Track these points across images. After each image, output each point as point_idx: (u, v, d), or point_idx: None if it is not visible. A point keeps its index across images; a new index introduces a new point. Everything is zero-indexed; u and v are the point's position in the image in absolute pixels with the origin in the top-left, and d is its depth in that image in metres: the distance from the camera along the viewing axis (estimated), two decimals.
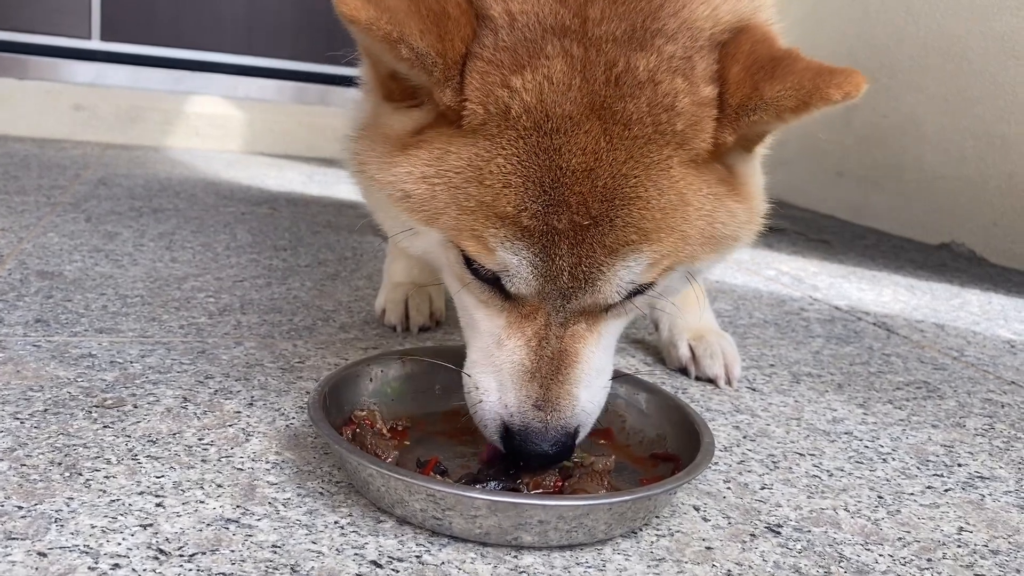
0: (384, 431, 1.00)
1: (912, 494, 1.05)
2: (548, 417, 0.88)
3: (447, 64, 0.84)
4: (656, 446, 1.05)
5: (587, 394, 0.91)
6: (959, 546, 0.94)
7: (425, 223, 0.91)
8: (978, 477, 1.12)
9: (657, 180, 0.86)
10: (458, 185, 0.86)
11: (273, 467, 0.96)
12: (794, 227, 2.97)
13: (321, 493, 0.91)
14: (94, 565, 0.75)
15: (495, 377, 0.91)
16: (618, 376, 1.04)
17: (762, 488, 1.03)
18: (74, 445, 0.96)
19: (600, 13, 0.86)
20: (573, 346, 0.90)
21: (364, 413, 1.01)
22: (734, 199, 0.93)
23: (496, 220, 0.85)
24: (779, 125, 0.89)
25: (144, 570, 0.75)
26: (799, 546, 0.90)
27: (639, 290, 0.91)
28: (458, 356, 1.15)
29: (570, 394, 0.90)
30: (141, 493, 0.87)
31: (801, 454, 1.14)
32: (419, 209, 0.90)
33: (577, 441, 0.92)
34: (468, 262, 0.90)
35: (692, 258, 0.91)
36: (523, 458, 0.90)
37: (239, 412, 1.09)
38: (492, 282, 0.90)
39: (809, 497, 1.02)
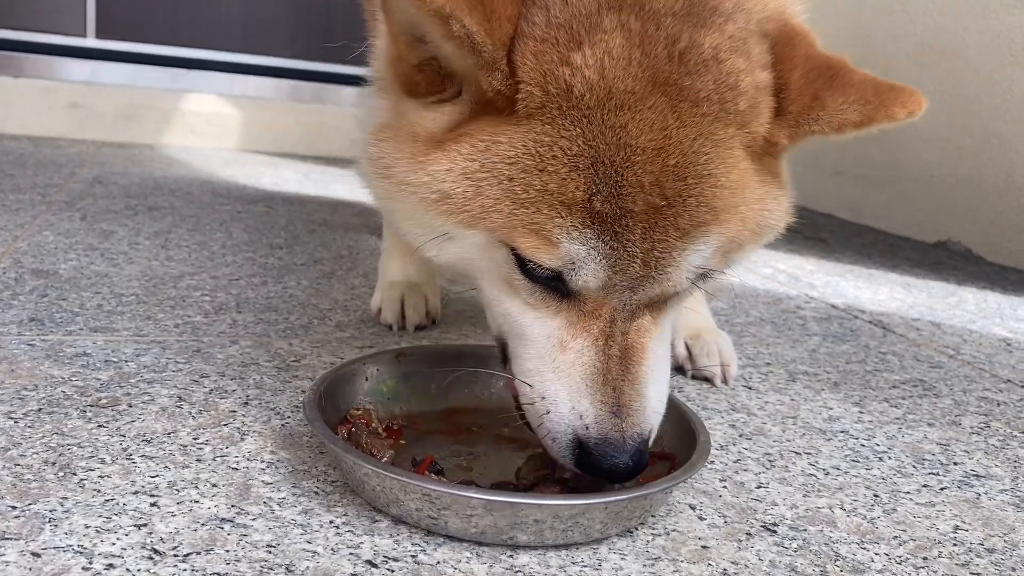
0: (380, 430, 1.00)
1: (908, 492, 1.05)
2: (624, 424, 0.83)
3: (495, 45, 0.79)
4: (653, 444, 1.05)
5: (655, 392, 0.87)
6: (955, 544, 0.94)
7: (467, 225, 0.84)
8: (974, 475, 1.12)
9: (725, 158, 0.84)
10: (512, 176, 0.80)
11: (268, 466, 0.95)
12: (791, 225, 2.96)
13: (316, 493, 0.91)
14: (88, 565, 0.75)
15: (563, 384, 0.85)
16: None
17: (758, 487, 1.03)
18: (68, 444, 0.96)
19: None
20: (639, 341, 0.86)
21: (360, 412, 1.00)
22: (779, 188, 0.93)
23: (562, 208, 0.79)
24: (837, 136, 0.88)
25: (138, 570, 0.74)
26: (795, 545, 0.90)
27: (704, 275, 0.87)
28: (456, 356, 1.15)
29: (642, 395, 0.85)
30: (135, 493, 0.87)
31: (797, 453, 1.13)
32: (461, 210, 0.83)
33: (648, 444, 0.87)
34: (521, 263, 0.84)
35: (742, 245, 0.90)
36: (599, 474, 0.84)
37: (234, 411, 1.09)
38: (547, 281, 0.85)
39: (805, 496, 1.01)
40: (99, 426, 1.01)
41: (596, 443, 0.83)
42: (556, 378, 0.86)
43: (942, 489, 1.07)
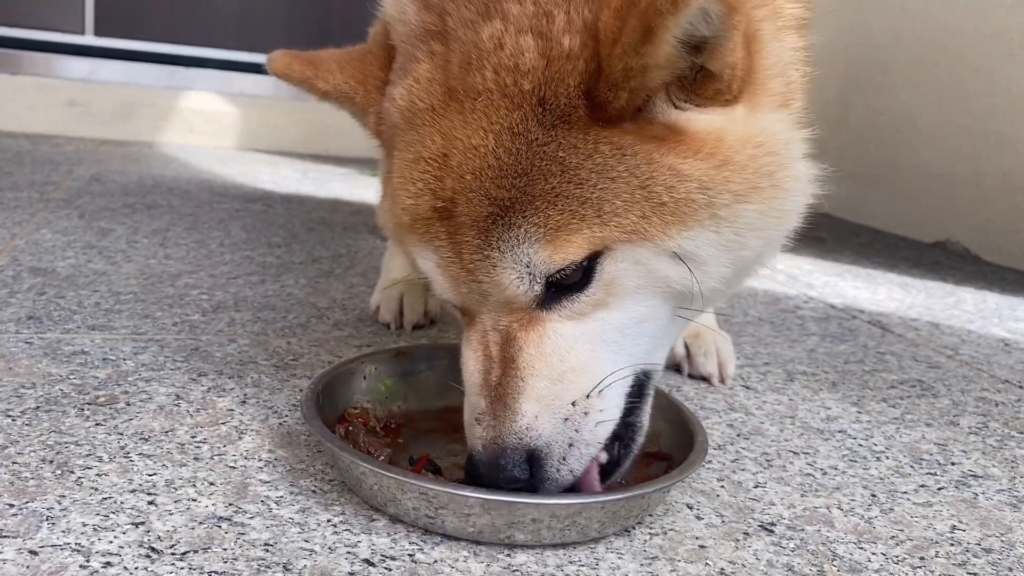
0: (378, 429, 1.00)
1: (905, 492, 1.05)
2: (484, 433, 0.83)
3: (367, 91, 0.94)
4: (650, 444, 1.04)
5: (534, 407, 0.82)
6: (952, 544, 0.94)
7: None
8: (971, 476, 1.12)
9: (511, 147, 0.78)
10: (387, 209, 0.92)
11: (266, 465, 0.95)
12: None
13: (314, 491, 0.91)
14: (86, 563, 0.74)
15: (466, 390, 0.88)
16: None
17: (756, 486, 1.03)
18: (66, 443, 0.96)
19: (455, 4, 0.85)
20: (508, 351, 0.83)
21: (357, 411, 1.00)
22: (679, 155, 0.79)
23: (402, 231, 0.87)
24: (660, 63, 0.75)
25: (136, 568, 0.74)
26: (792, 544, 0.90)
27: (574, 281, 0.81)
28: (454, 354, 1.15)
29: (509, 408, 0.82)
30: (133, 491, 0.87)
31: (795, 452, 1.14)
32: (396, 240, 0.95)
33: (552, 473, 0.82)
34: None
35: (639, 232, 0.79)
36: (479, 482, 0.83)
37: (232, 410, 1.09)
38: None
39: (803, 495, 1.01)
40: (97, 424, 1.01)
41: (470, 446, 0.86)
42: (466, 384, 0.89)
43: (939, 489, 1.07)
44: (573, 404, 0.83)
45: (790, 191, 0.86)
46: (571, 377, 0.83)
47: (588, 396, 0.83)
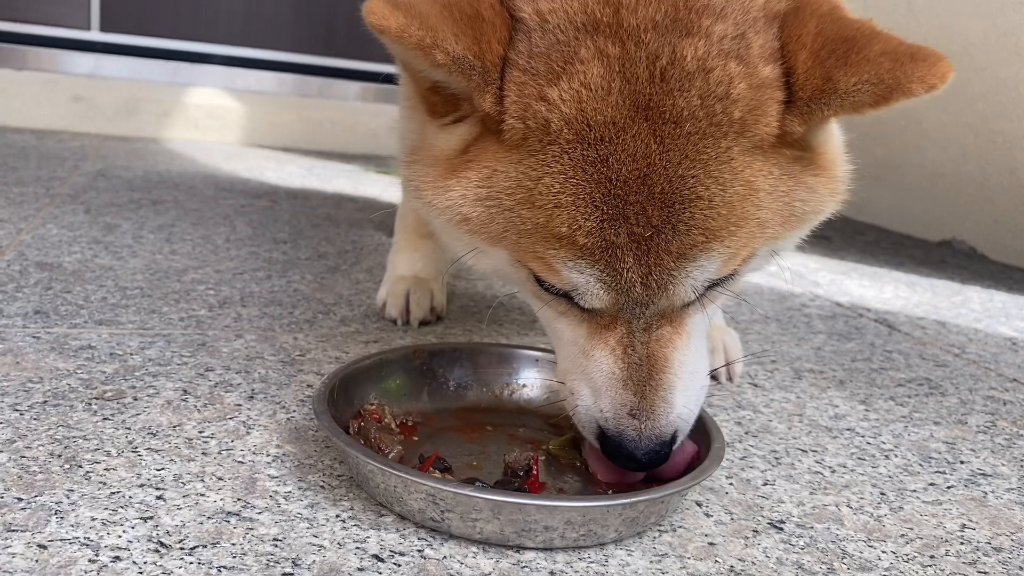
0: (393, 425, 0.99)
1: (914, 491, 1.05)
2: (643, 426, 0.85)
3: (486, 67, 0.80)
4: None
5: (683, 399, 0.88)
6: (962, 543, 0.94)
7: (489, 244, 0.88)
8: (980, 474, 1.12)
9: (718, 176, 0.80)
10: (511, 207, 0.83)
11: (274, 460, 0.95)
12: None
13: (322, 487, 0.90)
14: (95, 557, 0.74)
15: (587, 384, 0.89)
16: None
17: (764, 484, 1.02)
18: (74, 437, 0.96)
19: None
20: (660, 351, 0.86)
21: (373, 407, 1.00)
22: (812, 173, 0.87)
23: (554, 241, 0.81)
24: (856, 114, 0.82)
25: (144, 563, 0.74)
26: (802, 542, 0.90)
27: (719, 282, 0.87)
28: (472, 352, 1.15)
29: (665, 401, 0.86)
30: (141, 486, 0.87)
31: (803, 450, 1.13)
32: (481, 231, 0.87)
33: (675, 446, 0.89)
34: (539, 281, 0.87)
35: (774, 239, 0.87)
36: (617, 463, 0.88)
37: (239, 405, 1.08)
38: (567, 297, 0.87)
39: (812, 493, 1.01)
40: (104, 419, 1.01)
41: (613, 437, 0.86)
42: (582, 379, 0.90)
43: (949, 488, 1.07)
44: (700, 388, 0.92)
45: (845, 189, 0.95)
46: (701, 367, 0.92)
47: (707, 377, 0.93)
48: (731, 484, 1.01)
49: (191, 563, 0.75)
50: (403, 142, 1.00)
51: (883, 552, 0.90)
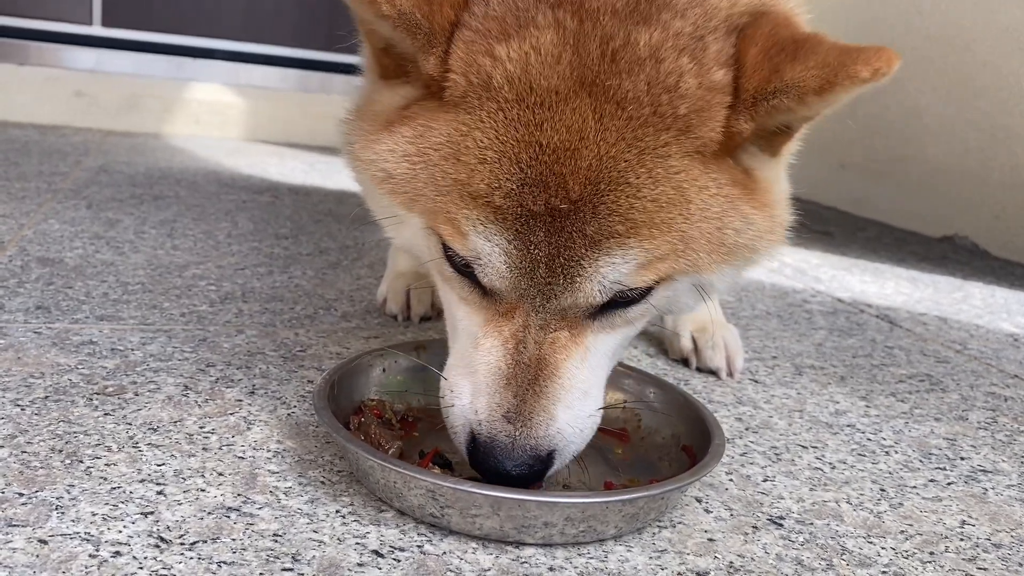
0: (393, 421, 0.99)
1: (914, 487, 1.05)
2: (517, 432, 0.81)
3: (433, 28, 0.80)
4: (672, 445, 1.03)
5: (567, 415, 0.83)
6: (961, 539, 0.94)
7: (406, 207, 0.86)
8: (981, 471, 1.12)
9: (652, 168, 0.78)
10: (436, 163, 0.81)
11: (274, 456, 0.95)
12: (796, 219, 2.95)
13: (322, 482, 0.91)
14: (95, 552, 0.75)
15: (469, 380, 0.85)
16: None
17: (764, 480, 1.02)
18: (75, 432, 0.96)
19: None
20: (553, 356, 0.83)
21: (374, 403, 1.00)
22: (751, 204, 0.84)
23: (469, 200, 0.79)
24: (803, 112, 0.80)
25: (145, 558, 0.74)
26: (801, 538, 0.90)
27: (631, 298, 0.84)
28: None
29: (546, 411, 0.82)
30: (142, 481, 0.87)
31: (804, 446, 1.13)
32: (400, 191, 0.85)
33: (552, 470, 0.84)
34: (447, 251, 0.84)
35: (697, 267, 0.83)
36: (485, 474, 0.83)
37: (240, 400, 1.09)
38: (470, 275, 0.84)
39: (811, 489, 1.01)
40: (105, 414, 1.01)
41: (484, 442, 0.82)
42: (465, 373, 0.86)
43: (949, 484, 1.07)
44: (589, 417, 0.86)
45: (786, 236, 0.94)
46: (593, 392, 0.87)
47: (597, 410, 0.88)
48: (731, 480, 1.01)
49: (191, 558, 0.75)
50: (352, 103, 0.98)
51: (883, 548, 0.90)
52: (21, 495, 0.82)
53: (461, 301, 0.88)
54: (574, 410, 0.84)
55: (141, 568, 0.73)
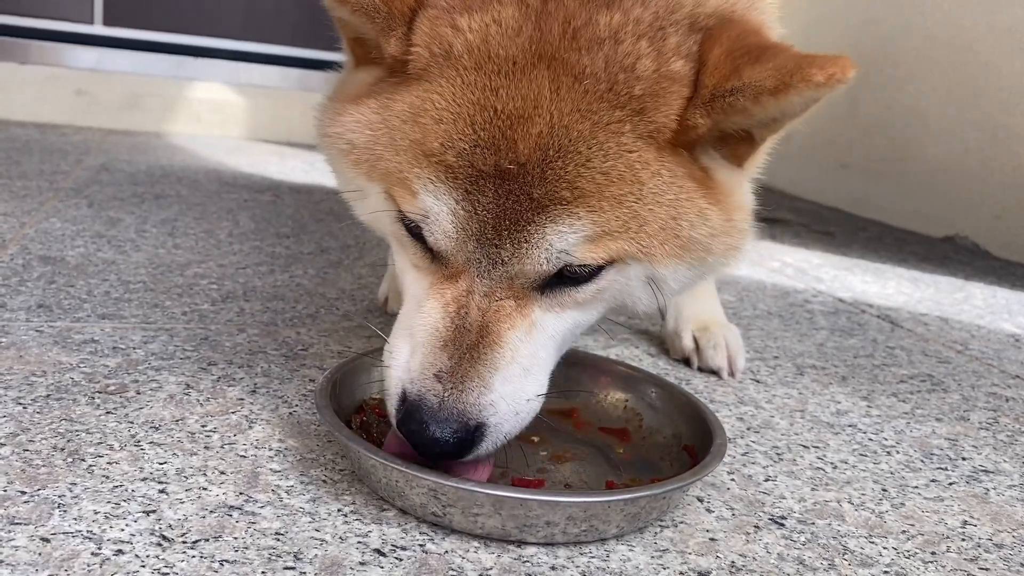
0: None
1: (916, 487, 1.05)
2: (447, 394, 0.80)
3: (392, 12, 0.84)
4: (673, 444, 1.03)
5: (504, 389, 0.82)
6: (963, 539, 0.94)
7: (368, 176, 0.89)
8: (982, 471, 1.12)
9: (604, 141, 0.80)
10: (396, 127, 0.84)
11: (276, 454, 0.95)
12: (798, 219, 2.96)
13: (324, 481, 0.91)
14: (97, 551, 0.75)
15: (408, 342, 0.85)
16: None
17: (766, 480, 1.02)
18: (77, 431, 0.96)
19: None
20: (497, 325, 0.83)
21: (375, 401, 1.00)
22: (707, 200, 0.85)
23: (423, 159, 0.82)
24: (759, 113, 0.81)
25: (147, 556, 0.74)
26: (803, 538, 0.90)
27: (580, 275, 0.84)
28: None
29: (480, 376, 0.81)
30: (144, 479, 0.87)
31: (805, 446, 1.13)
32: (363, 159, 0.88)
33: (479, 448, 0.82)
34: (402, 219, 0.86)
35: (650, 254, 0.84)
36: (409, 436, 0.81)
37: (242, 399, 1.09)
38: (422, 239, 0.85)
39: (813, 489, 1.01)
40: (107, 413, 1.01)
41: (412, 402, 0.81)
42: (406, 336, 0.86)
43: (950, 484, 1.07)
44: (527, 400, 0.85)
45: (746, 247, 0.94)
46: (536, 373, 0.86)
47: (537, 396, 0.86)
48: (733, 480, 1.01)
49: (193, 556, 0.75)
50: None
51: (884, 548, 0.90)
52: (23, 493, 0.82)
53: (412, 267, 0.89)
54: (512, 385, 0.83)
55: (143, 566, 0.73)
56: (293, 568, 0.75)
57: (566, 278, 0.84)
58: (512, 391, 0.83)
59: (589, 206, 0.80)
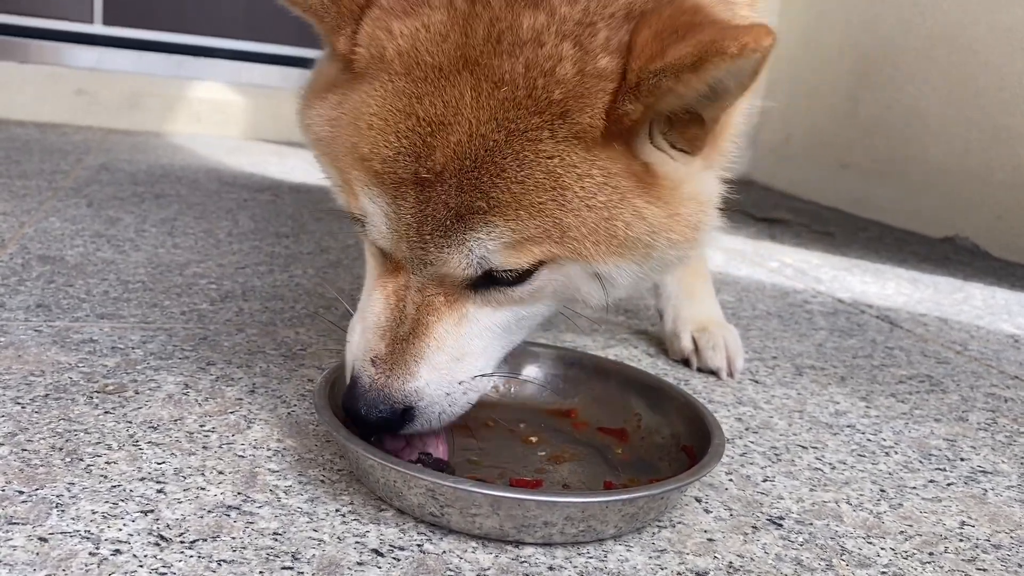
0: None
1: (914, 488, 1.05)
2: (377, 378, 0.86)
3: (340, 12, 0.87)
4: (672, 445, 1.03)
5: (431, 375, 0.87)
6: (961, 540, 0.94)
7: (331, 169, 0.93)
8: (980, 471, 1.12)
9: (519, 150, 0.79)
10: (343, 126, 0.87)
11: (274, 454, 0.95)
12: (797, 219, 2.96)
13: (322, 481, 0.91)
14: (95, 551, 0.75)
15: (360, 324, 0.91)
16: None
17: (764, 480, 1.02)
18: (75, 430, 0.96)
19: None
20: (425, 318, 0.87)
21: None
22: (644, 198, 0.84)
23: (359, 163, 0.84)
24: (685, 91, 0.78)
25: (145, 556, 0.75)
26: (801, 539, 0.90)
27: (509, 278, 0.85)
28: None
29: (407, 365, 0.86)
30: (142, 479, 0.87)
31: (803, 447, 1.13)
32: (327, 153, 0.91)
33: (411, 426, 0.88)
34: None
35: (584, 255, 0.84)
36: (346, 412, 0.88)
37: (240, 399, 1.09)
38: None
39: (811, 490, 1.01)
40: (106, 412, 1.01)
41: (352, 379, 0.88)
42: (359, 317, 0.92)
43: (949, 485, 1.07)
44: (460, 383, 0.89)
45: (705, 239, 0.93)
46: (469, 360, 0.90)
47: (473, 378, 0.91)
48: (731, 480, 1.01)
49: (191, 556, 0.75)
50: None
51: (882, 549, 0.90)
52: (21, 493, 0.82)
53: (370, 256, 0.94)
54: (440, 372, 0.88)
55: (141, 566, 0.73)
56: (291, 568, 0.75)
57: (498, 280, 0.86)
58: (439, 377, 0.88)
59: (506, 216, 0.80)
